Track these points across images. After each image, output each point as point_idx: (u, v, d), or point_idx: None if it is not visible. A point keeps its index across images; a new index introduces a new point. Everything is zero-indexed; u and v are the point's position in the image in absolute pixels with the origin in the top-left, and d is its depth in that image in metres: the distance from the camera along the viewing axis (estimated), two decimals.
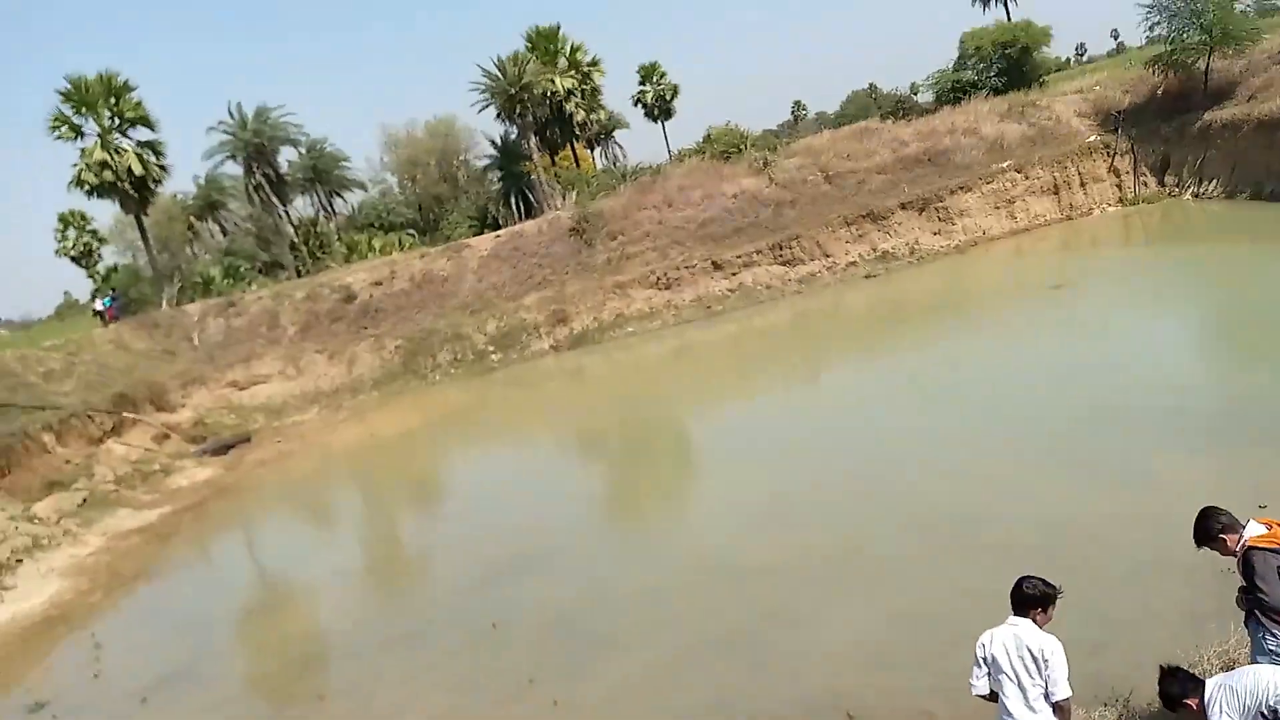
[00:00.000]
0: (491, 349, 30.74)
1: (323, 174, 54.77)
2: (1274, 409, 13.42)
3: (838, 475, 14.58)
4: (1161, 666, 5.24)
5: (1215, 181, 29.64)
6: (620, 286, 31.52)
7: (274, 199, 45.70)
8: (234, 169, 46.88)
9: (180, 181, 77.62)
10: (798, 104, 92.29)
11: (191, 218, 57.09)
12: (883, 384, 19.70)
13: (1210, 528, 5.55)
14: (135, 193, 38.57)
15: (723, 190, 33.98)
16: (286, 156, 49.21)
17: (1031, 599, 5.23)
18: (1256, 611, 5.42)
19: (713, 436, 19.50)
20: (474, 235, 41.83)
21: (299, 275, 41.87)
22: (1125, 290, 22.83)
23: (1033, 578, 5.31)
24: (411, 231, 52.95)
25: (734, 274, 31.53)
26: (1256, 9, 33.23)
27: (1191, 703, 5.04)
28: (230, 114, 44.45)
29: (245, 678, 12.96)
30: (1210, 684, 5.05)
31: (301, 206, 54.84)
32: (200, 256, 55.77)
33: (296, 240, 46.85)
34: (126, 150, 37.87)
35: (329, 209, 55.68)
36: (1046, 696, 5.19)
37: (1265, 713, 4.83)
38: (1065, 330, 20.14)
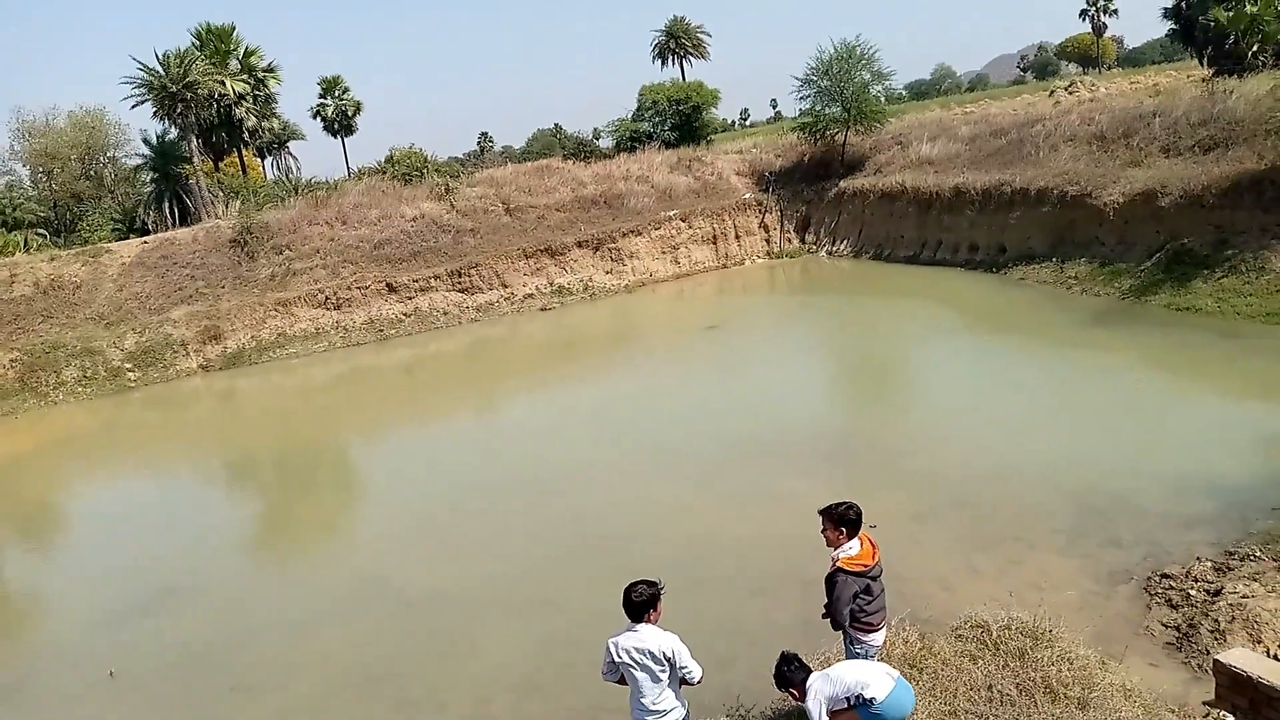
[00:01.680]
0: (129, 366, 27.60)
1: None
2: (878, 441, 15.46)
3: (502, 503, 14.63)
4: (783, 652, 5.85)
5: (846, 241, 33.78)
6: (284, 304, 29.67)
7: None
8: None
9: None
10: (485, 135, 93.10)
11: None
12: (553, 414, 20.16)
13: (834, 512, 6.33)
14: None
15: (402, 212, 33.26)
16: None
17: (643, 604, 5.58)
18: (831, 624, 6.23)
19: (378, 465, 18.82)
20: (118, 240, 37.61)
21: None
22: (767, 333, 25.21)
23: (637, 583, 5.68)
24: (42, 231, 46.44)
25: (410, 298, 30.87)
26: (885, 95, 38.54)
27: (794, 691, 5.75)
28: None
29: None
30: (814, 675, 5.72)
31: None
32: None
33: None
34: None
35: None
36: (680, 683, 5.66)
37: (850, 699, 5.53)
38: (715, 367, 21.83)
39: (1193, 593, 9.62)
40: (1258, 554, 10.14)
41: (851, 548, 6.18)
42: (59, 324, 28.51)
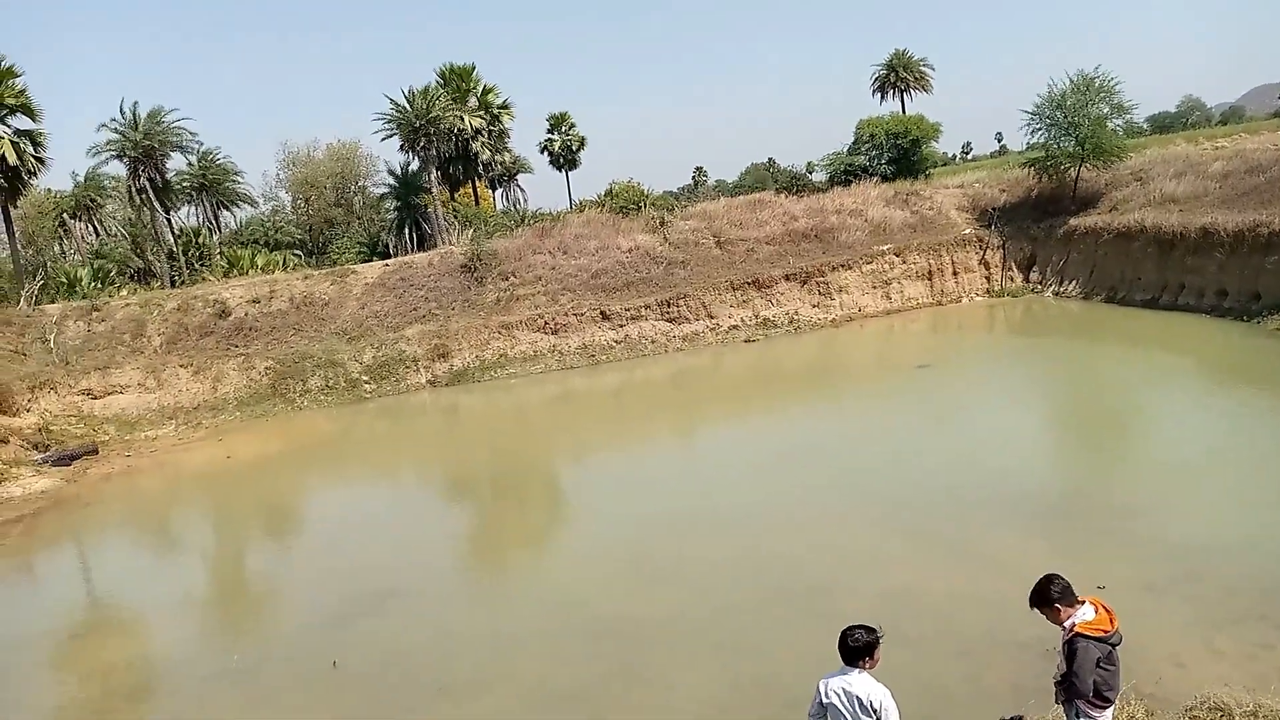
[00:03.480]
0: (366, 379, 30.05)
1: (212, 184, 53.06)
2: (1101, 499, 14.37)
3: (703, 536, 14.71)
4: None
5: (1075, 282, 31.75)
6: (506, 327, 31.40)
7: (157, 204, 43.78)
8: (119, 170, 44.92)
9: (58, 179, 73.83)
10: (699, 170, 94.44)
11: (64, 214, 54.26)
12: (754, 449, 20.10)
13: (1049, 593, 5.84)
14: (6, 182, 36.52)
15: (618, 244, 34.43)
16: (176, 164, 47.44)
17: (857, 650, 5.43)
18: (1066, 694, 5.76)
19: (585, 486, 19.48)
20: (362, 262, 41.06)
21: (173, 285, 40.16)
22: (983, 375, 24.07)
23: (855, 628, 5.53)
24: (298, 252, 51.57)
25: (621, 326, 31.85)
26: (1125, 129, 36.03)
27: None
28: (122, 112, 42.63)
29: (58, 706, 12.10)
30: None
31: (185, 216, 52.87)
32: (69, 256, 52.91)
33: (176, 249, 44.95)
34: (2, 137, 35.91)
35: (215, 222, 53.80)
36: None
37: None
38: (926, 409, 21.06)
39: None
40: None
41: (1086, 614, 5.77)
42: (308, 336, 31.46)
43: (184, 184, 50.04)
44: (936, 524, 13.86)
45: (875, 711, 5.34)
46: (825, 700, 5.44)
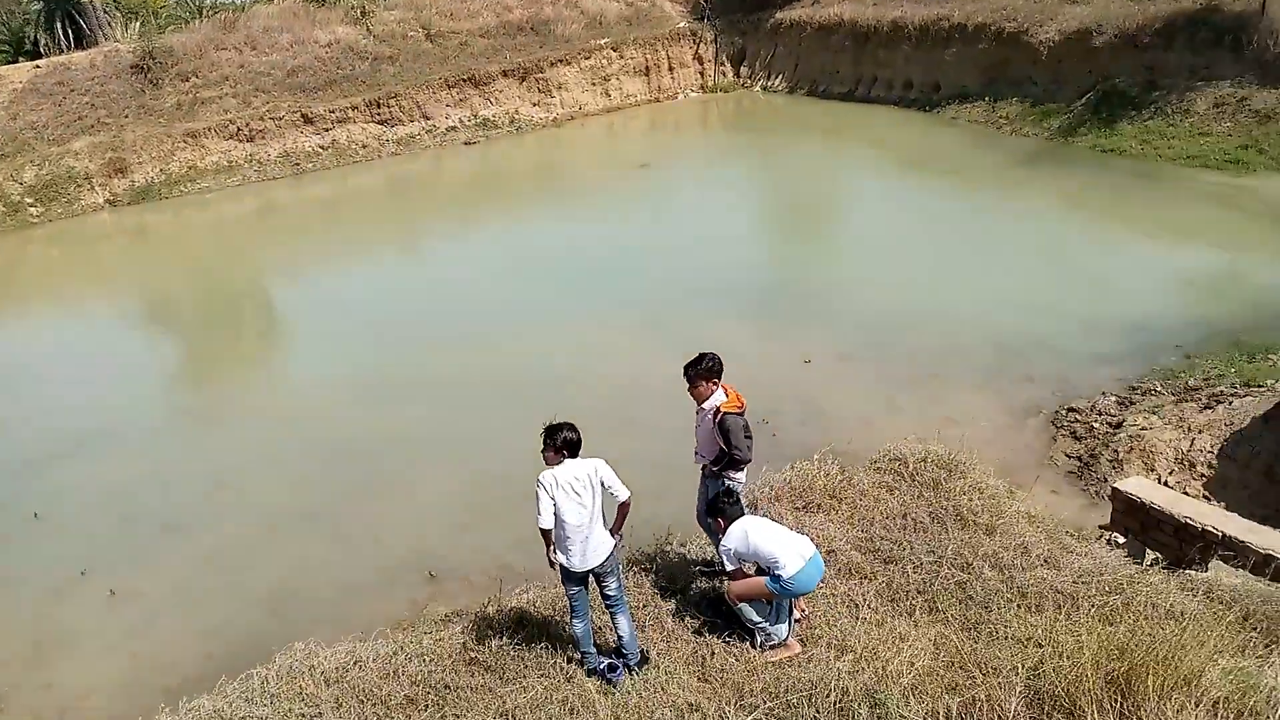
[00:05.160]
0: (30, 201, 26.09)
1: None
2: (804, 283, 15.68)
3: (434, 347, 14.52)
4: (727, 485, 6.06)
5: (781, 76, 32.98)
6: (193, 135, 28.07)
7: None
8: None
9: None
10: None
11: None
12: (479, 254, 19.78)
13: (701, 364, 6.26)
14: None
15: (315, 37, 31.22)
16: None
17: (570, 443, 5.59)
18: (727, 467, 6.24)
19: (301, 306, 18.41)
20: (5, 64, 34.79)
21: None
22: (700, 173, 24.85)
23: (560, 427, 5.66)
24: None
25: (326, 129, 29.46)
26: None
27: (721, 522, 5.92)
28: None
29: None
30: (741, 520, 5.88)
31: None
32: None
33: None
34: None
35: None
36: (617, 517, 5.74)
37: (763, 566, 5.77)
38: (647, 208, 21.56)
39: (1095, 425, 10.18)
40: (1158, 389, 10.73)
41: (720, 396, 6.28)
42: None
43: None
44: (659, 317, 14.53)
45: (601, 481, 5.61)
46: (556, 491, 5.57)
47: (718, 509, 5.98)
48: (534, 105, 32.15)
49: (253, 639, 7.87)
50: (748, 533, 5.81)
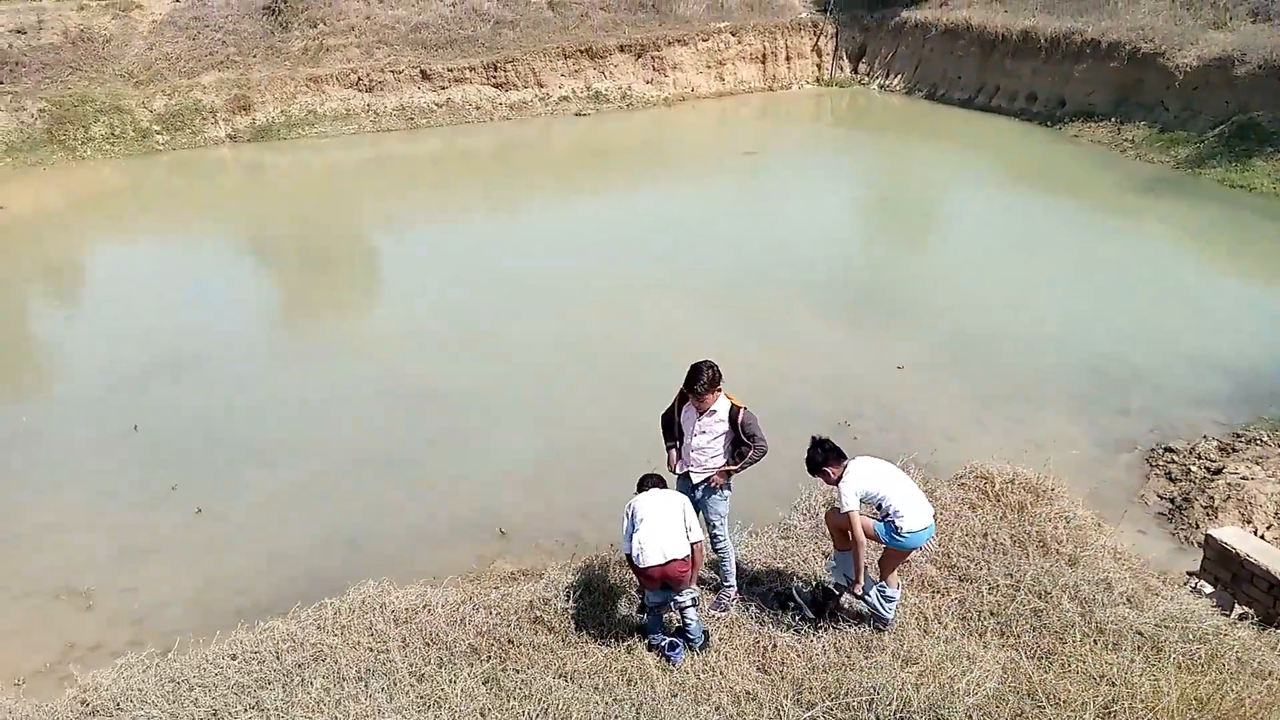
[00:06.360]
0: (158, 129, 27.20)
1: None
2: (899, 286, 15.38)
3: (523, 309, 14.70)
4: (813, 437, 5.98)
5: (900, 76, 32.28)
6: (315, 80, 28.87)
7: None
8: None
9: None
10: None
11: None
12: (578, 225, 19.95)
13: (715, 377, 6.09)
14: None
15: None
16: None
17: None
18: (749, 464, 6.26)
19: (401, 256, 18.82)
20: None
21: None
22: (806, 165, 24.55)
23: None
24: None
25: (443, 88, 29.97)
26: None
27: (830, 470, 5.83)
28: None
29: None
30: (856, 459, 5.81)
31: None
32: None
33: None
34: None
35: None
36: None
37: (882, 511, 5.69)
38: (748, 195, 21.41)
39: (1193, 468, 9.78)
40: (1264, 439, 10.25)
41: (724, 399, 6.24)
42: (88, 78, 27.86)
43: None
44: (749, 304, 14.45)
45: (689, 510, 5.75)
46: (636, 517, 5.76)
47: (815, 462, 5.90)
48: (647, 83, 32.13)
49: (324, 572, 8.16)
50: (866, 469, 5.69)
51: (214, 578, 8.52)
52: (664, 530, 5.62)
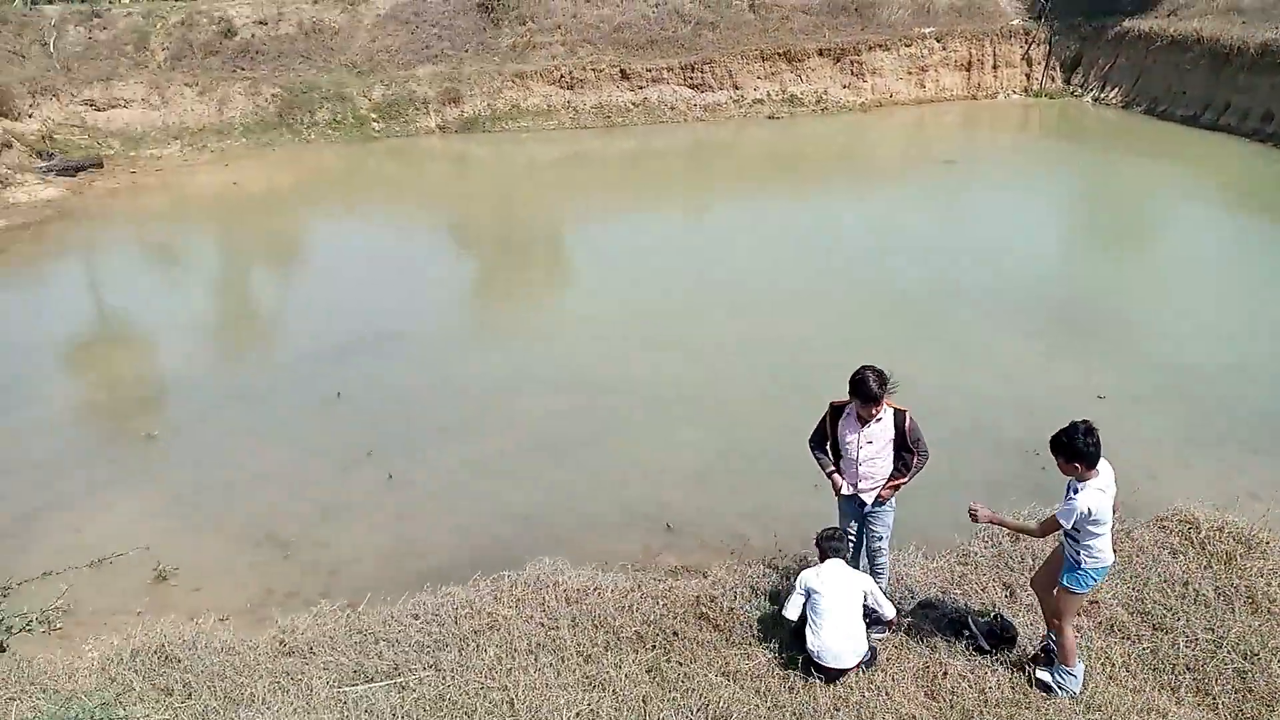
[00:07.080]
0: (375, 116, 29.13)
1: None
2: (1104, 310, 14.43)
3: (707, 310, 14.80)
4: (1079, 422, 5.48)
5: (1118, 89, 30.28)
6: (521, 76, 30.11)
7: None
8: None
9: None
10: None
11: None
12: (768, 230, 19.84)
13: (887, 383, 5.95)
14: None
15: None
16: None
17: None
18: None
19: (593, 250, 19.36)
20: None
21: None
22: (1008, 177, 23.47)
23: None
24: None
25: (641, 88, 30.57)
26: None
27: (1078, 466, 5.37)
28: None
29: (73, 405, 12.57)
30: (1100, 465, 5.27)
31: None
32: None
33: None
34: None
35: None
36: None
37: (1092, 528, 5.21)
38: (945, 206, 20.67)
39: None
40: None
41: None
42: (316, 66, 30.19)
43: None
44: (940, 319, 13.96)
45: (868, 595, 5.65)
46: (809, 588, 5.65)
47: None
48: (844, 88, 31.60)
49: (501, 545, 8.51)
50: (1103, 494, 5.20)
51: (400, 540, 9.04)
52: (846, 630, 5.45)
